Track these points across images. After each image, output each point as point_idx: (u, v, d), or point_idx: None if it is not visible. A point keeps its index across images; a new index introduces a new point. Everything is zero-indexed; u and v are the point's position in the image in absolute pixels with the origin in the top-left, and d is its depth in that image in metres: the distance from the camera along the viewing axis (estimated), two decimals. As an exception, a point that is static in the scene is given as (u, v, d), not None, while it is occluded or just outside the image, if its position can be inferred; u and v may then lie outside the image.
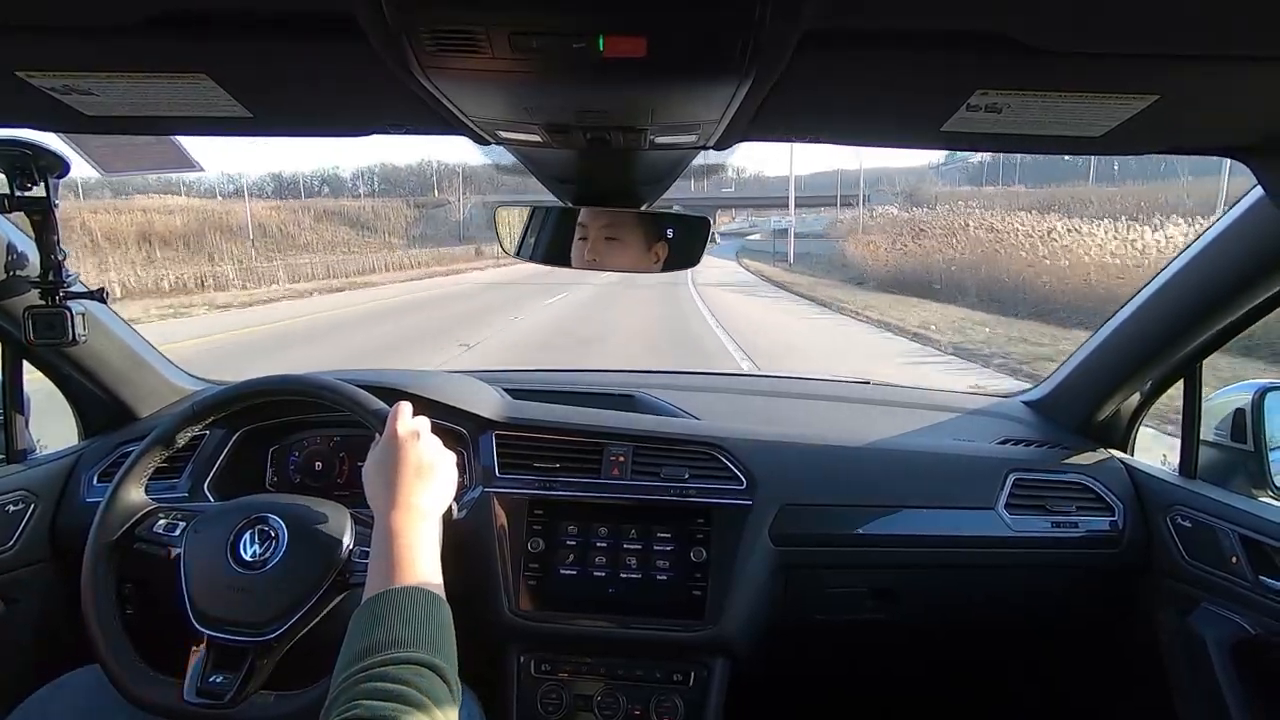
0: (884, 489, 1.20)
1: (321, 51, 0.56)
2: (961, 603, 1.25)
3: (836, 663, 1.46)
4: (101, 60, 0.57)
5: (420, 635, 0.59)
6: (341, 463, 1.27)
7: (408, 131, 0.75)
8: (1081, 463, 1.26)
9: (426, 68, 0.51)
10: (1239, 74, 0.55)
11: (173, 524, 0.92)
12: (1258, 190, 0.87)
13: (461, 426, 1.20)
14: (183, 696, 0.82)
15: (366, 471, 0.79)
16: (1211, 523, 1.08)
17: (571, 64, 0.51)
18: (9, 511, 1.14)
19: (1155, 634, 1.19)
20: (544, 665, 1.14)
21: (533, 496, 1.15)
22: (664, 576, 1.12)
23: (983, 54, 0.53)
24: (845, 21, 0.50)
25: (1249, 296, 0.99)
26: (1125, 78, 0.56)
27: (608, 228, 0.95)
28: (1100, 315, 1.31)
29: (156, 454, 0.95)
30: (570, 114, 0.64)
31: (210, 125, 0.72)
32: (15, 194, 0.94)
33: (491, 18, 0.45)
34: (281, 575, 0.85)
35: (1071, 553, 1.20)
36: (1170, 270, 1.08)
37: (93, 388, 1.29)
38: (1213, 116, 0.66)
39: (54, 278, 1.01)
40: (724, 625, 1.10)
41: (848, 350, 9.07)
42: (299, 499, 0.93)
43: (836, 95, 0.64)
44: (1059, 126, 0.65)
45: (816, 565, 1.19)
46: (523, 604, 1.12)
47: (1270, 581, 0.99)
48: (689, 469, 1.18)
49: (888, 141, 0.76)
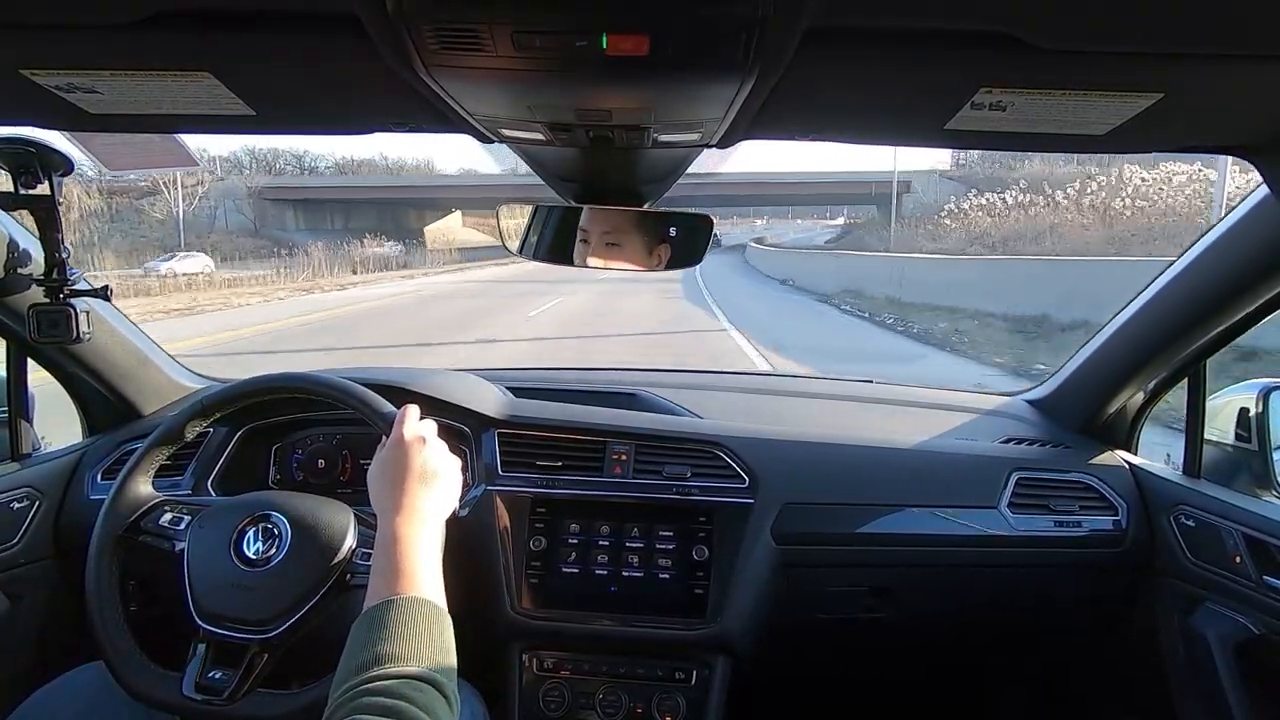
0: (886, 488, 1.20)
1: (325, 49, 0.56)
2: (964, 602, 1.25)
3: (838, 661, 1.46)
4: (105, 58, 0.58)
5: (421, 648, 0.59)
6: (344, 461, 1.27)
7: (410, 129, 0.75)
8: (1085, 462, 1.25)
9: (429, 65, 0.51)
10: (1244, 72, 0.55)
11: (178, 518, 0.92)
12: (1263, 189, 0.87)
13: (464, 425, 1.20)
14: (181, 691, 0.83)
15: (372, 474, 0.79)
16: (1215, 522, 1.08)
17: (574, 62, 0.51)
18: (13, 509, 1.15)
19: (1158, 633, 1.18)
20: (546, 663, 1.14)
21: (535, 495, 1.15)
22: (666, 575, 1.12)
23: (986, 52, 0.53)
24: (848, 19, 0.50)
25: (1254, 295, 0.98)
26: (1129, 76, 0.56)
27: (610, 227, 0.94)
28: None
29: (163, 449, 0.95)
30: (572, 112, 0.64)
31: (213, 123, 0.72)
32: (19, 192, 0.95)
33: (494, 15, 0.45)
34: (284, 574, 0.85)
35: (1075, 552, 1.20)
36: (1175, 268, 1.08)
37: (96, 385, 1.29)
38: (1218, 115, 0.65)
39: (58, 275, 1.01)
40: (726, 624, 1.10)
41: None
42: (303, 497, 0.94)
43: (840, 93, 0.64)
44: (1063, 125, 0.65)
45: (818, 564, 1.19)
46: (525, 602, 1.12)
47: (1274, 581, 0.99)
48: (691, 467, 1.18)
49: (891, 140, 0.76)
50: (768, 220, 75.31)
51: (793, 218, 78.65)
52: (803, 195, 40.15)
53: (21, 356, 1.22)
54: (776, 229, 50.67)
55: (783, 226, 61.78)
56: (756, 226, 60.07)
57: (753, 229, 56.50)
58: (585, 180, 0.93)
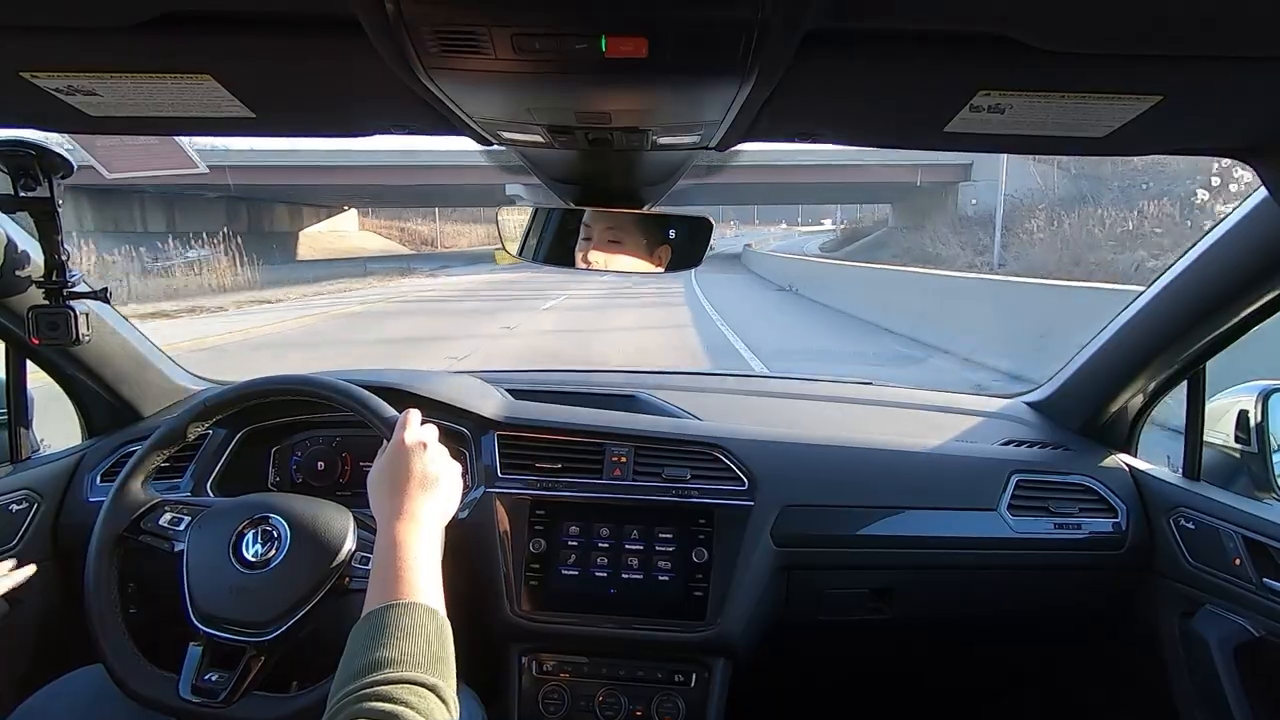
0: (886, 490, 1.20)
1: (325, 52, 0.56)
2: (963, 604, 1.25)
3: (838, 663, 1.46)
4: (105, 61, 0.58)
5: (419, 653, 0.59)
6: (344, 463, 1.27)
7: (410, 132, 0.75)
8: (1084, 464, 1.25)
9: (429, 68, 0.52)
10: (1243, 75, 0.55)
11: (177, 519, 0.92)
12: (1262, 191, 0.87)
13: (463, 427, 1.20)
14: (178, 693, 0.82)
15: (372, 479, 0.79)
16: (1215, 524, 1.08)
17: (573, 64, 0.51)
18: (12, 511, 1.15)
19: (1157, 636, 1.18)
20: (546, 666, 1.14)
21: (534, 497, 1.15)
22: (665, 577, 1.12)
23: (986, 55, 0.53)
24: (848, 22, 0.50)
25: (1253, 298, 0.98)
26: (1129, 78, 0.56)
27: (610, 229, 0.95)
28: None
29: (163, 450, 0.95)
30: (572, 114, 0.64)
31: (213, 126, 0.72)
32: (19, 194, 0.95)
33: (494, 18, 0.45)
34: (282, 576, 0.85)
35: (1074, 554, 1.20)
36: (1175, 271, 1.08)
37: (96, 387, 1.29)
38: (1217, 117, 0.65)
39: (58, 277, 1.01)
40: (725, 626, 1.10)
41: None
42: (302, 499, 0.93)
43: (839, 96, 0.64)
44: (1062, 127, 0.65)
45: (818, 566, 1.19)
46: (524, 604, 1.12)
47: (1273, 583, 0.99)
48: (690, 469, 1.18)
49: (890, 142, 0.76)
50: (736, 228, 66.39)
51: (758, 222, 71.03)
52: (827, 188, 28.27)
53: (20, 358, 1.22)
54: (750, 237, 46.53)
55: (754, 233, 55.98)
56: (726, 236, 53.40)
57: (722, 237, 49.79)
58: (585, 183, 0.93)
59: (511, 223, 1.00)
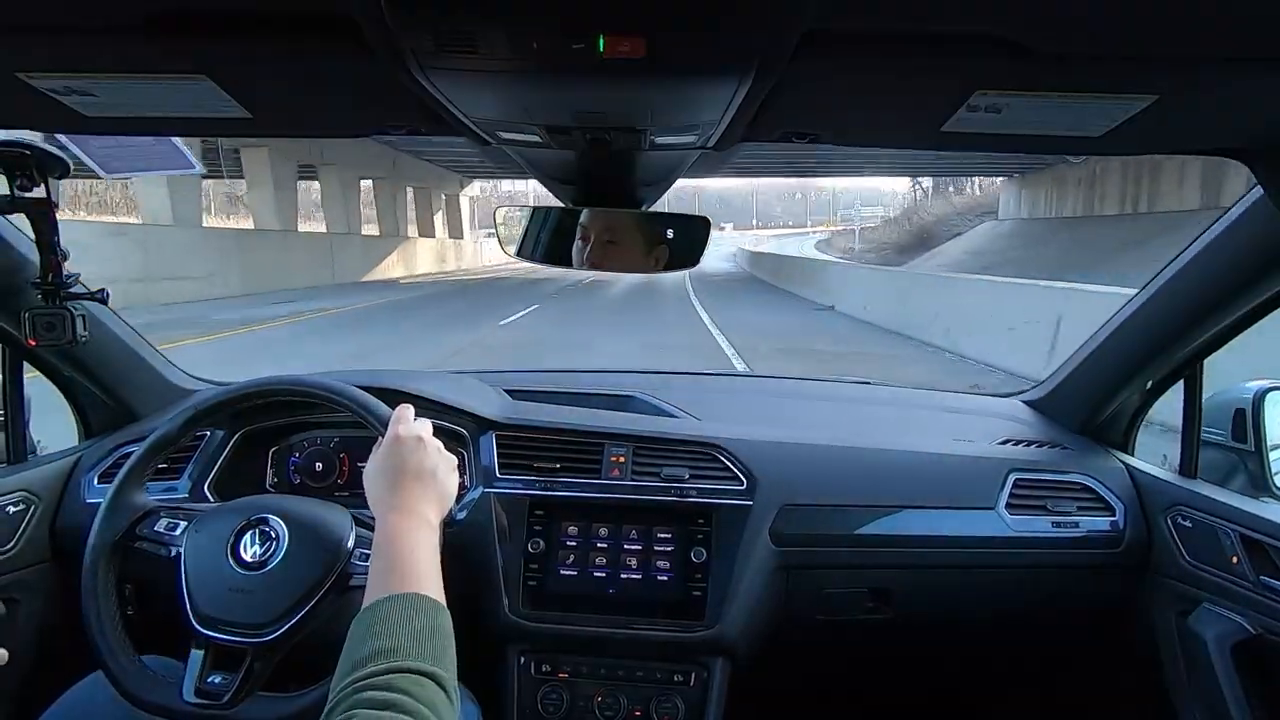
0: (884, 489, 1.20)
1: (322, 53, 0.56)
2: (962, 603, 1.25)
3: (837, 663, 1.46)
4: (102, 61, 0.57)
5: (420, 643, 0.59)
6: (342, 463, 1.27)
7: (408, 132, 0.75)
8: (1082, 463, 1.26)
9: (426, 68, 0.51)
10: (1238, 75, 0.55)
11: (174, 523, 0.92)
12: (1257, 191, 0.87)
13: (461, 427, 1.20)
14: (181, 697, 0.82)
15: (368, 475, 0.80)
16: (1212, 523, 1.08)
17: (571, 64, 0.51)
18: (9, 512, 1.14)
19: (1155, 634, 1.19)
20: (544, 666, 1.14)
21: (533, 497, 1.15)
22: (664, 577, 1.12)
23: (982, 55, 0.53)
24: (845, 22, 0.50)
25: (1249, 297, 0.99)
26: (1124, 79, 0.56)
27: (608, 229, 0.95)
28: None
29: (159, 453, 0.95)
30: (570, 114, 0.64)
31: (210, 126, 0.72)
32: (15, 195, 0.94)
33: (491, 18, 0.45)
34: (282, 577, 0.85)
35: (1072, 553, 1.20)
36: (1171, 270, 1.08)
37: (93, 388, 1.29)
38: (1212, 117, 0.66)
39: (55, 279, 1.01)
40: (724, 626, 1.10)
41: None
42: (300, 500, 0.93)
43: (836, 96, 0.64)
44: (1058, 127, 0.65)
45: (816, 566, 1.19)
46: (523, 605, 1.12)
47: (1271, 581, 0.99)
48: (689, 469, 1.17)
49: (887, 142, 0.77)
50: (731, 231, 63.62)
51: (730, 228, 67.78)
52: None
53: (17, 359, 1.21)
54: (746, 240, 44.22)
55: (748, 238, 53.70)
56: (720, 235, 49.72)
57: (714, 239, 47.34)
58: (583, 182, 0.93)
59: (510, 223, 1.00)
